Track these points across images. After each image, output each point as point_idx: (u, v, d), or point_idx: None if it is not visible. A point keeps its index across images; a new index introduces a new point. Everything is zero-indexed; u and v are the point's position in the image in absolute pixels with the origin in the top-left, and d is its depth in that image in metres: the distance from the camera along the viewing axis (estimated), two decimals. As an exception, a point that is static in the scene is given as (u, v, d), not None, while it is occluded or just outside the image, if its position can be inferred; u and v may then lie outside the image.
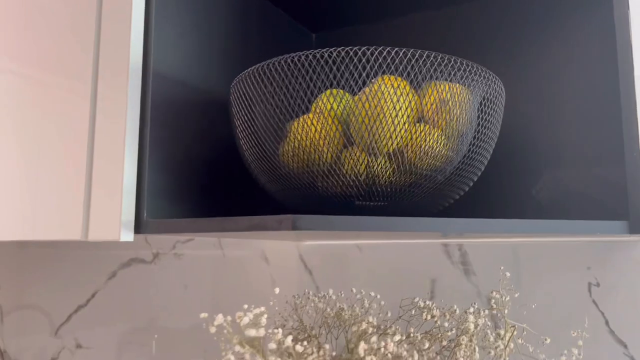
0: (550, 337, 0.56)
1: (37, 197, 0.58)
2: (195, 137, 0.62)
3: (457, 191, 0.62)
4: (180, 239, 0.96)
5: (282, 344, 0.47)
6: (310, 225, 0.47)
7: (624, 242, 0.67)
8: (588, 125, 0.66)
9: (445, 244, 0.76)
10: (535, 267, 0.70)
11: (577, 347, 0.51)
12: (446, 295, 0.74)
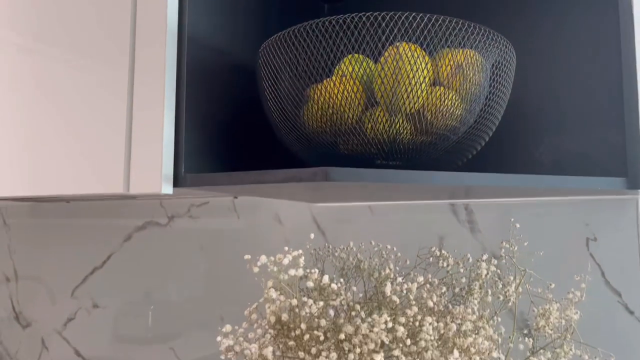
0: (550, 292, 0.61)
1: (79, 153, 0.61)
2: (225, 99, 0.66)
3: (469, 151, 0.67)
4: (195, 202, 1.00)
5: (319, 282, 0.51)
6: (342, 176, 0.51)
7: (620, 200, 0.72)
8: (590, 89, 0.70)
9: (452, 203, 0.81)
10: (537, 225, 0.75)
11: (580, 290, 0.56)
12: (454, 252, 0.79)
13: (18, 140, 0.65)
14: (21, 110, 0.66)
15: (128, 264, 1.05)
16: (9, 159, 0.66)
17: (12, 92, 0.66)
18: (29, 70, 0.66)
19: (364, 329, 0.51)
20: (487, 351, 0.51)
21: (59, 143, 0.62)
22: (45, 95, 0.64)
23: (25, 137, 0.65)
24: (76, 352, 1.08)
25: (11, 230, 1.19)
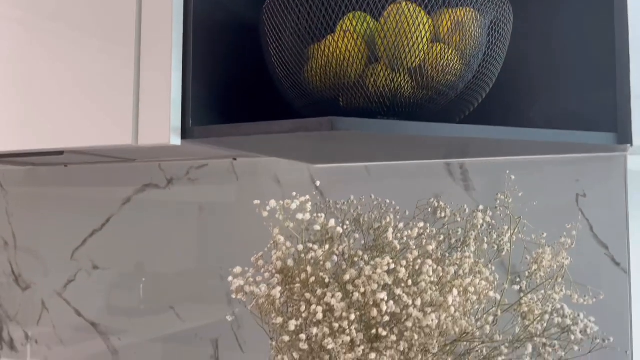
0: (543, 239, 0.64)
1: (88, 106, 0.62)
2: (230, 56, 0.67)
3: (466, 107, 0.69)
4: (194, 164, 1.01)
5: (325, 226, 0.54)
6: (347, 126, 0.53)
7: (609, 158, 0.75)
8: (582, 49, 0.72)
9: (447, 163, 0.84)
10: (529, 182, 0.78)
11: (571, 237, 0.59)
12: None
13: (27, 95, 0.66)
14: (30, 66, 0.66)
15: (127, 227, 1.07)
16: (17, 114, 0.67)
17: (20, 48, 0.67)
18: (34, 25, 0.66)
19: (367, 271, 0.53)
20: (485, 291, 0.54)
21: (67, 96, 0.64)
22: (52, 50, 0.65)
23: (34, 92, 0.66)
24: (77, 313, 1.10)
25: (9, 195, 1.20)
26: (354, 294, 0.52)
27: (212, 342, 0.98)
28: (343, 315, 0.52)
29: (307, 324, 0.53)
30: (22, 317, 1.16)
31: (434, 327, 0.51)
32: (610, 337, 0.56)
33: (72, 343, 1.10)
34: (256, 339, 0.94)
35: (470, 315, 0.53)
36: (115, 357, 1.06)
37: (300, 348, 0.53)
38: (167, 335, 1.01)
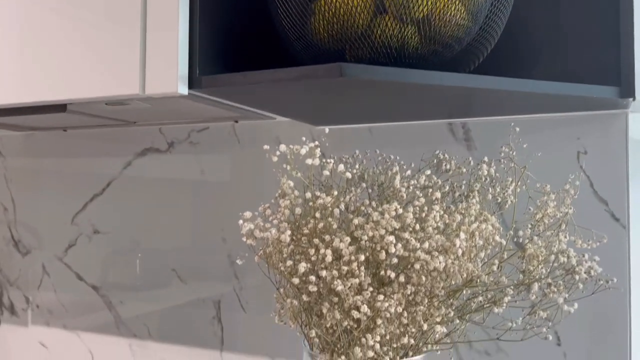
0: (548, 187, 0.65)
1: (95, 55, 0.62)
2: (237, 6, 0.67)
3: (472, 61, 0.69)
4: (195, 127, 1.01)
5: (334, 171, 0.54)
6: (356, 72, 0.54)
7: (610, 115, 0.76)
8: (586, 7, 0.73)
9: (450, 123, 0.84)
10: (531, 140, 0.78)
11: (574, 187, 0.60)
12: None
13: (32, 46, 0.66)
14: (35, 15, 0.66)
15: (128, 191, 1.07)
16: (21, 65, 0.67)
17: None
18: (36, -24, 0.66)
19: (375, 217, 0.54)
20: (491, 236, 0.55)
21: (72, 46, 0.63)
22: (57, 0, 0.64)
23: (39, 42, 0.65)
24: (78, 277, 1.11)
25: (7, 160, 1.19)
26: (363, 237, 0.52)
27: (214, 304, 0.98)
28: (352, 258, 0.52)
29: (316, 268, 0.54)
30: (22, 282, 1.16)
31: (441, 269, 0.52)
32: (613, 277, 0.57)
33: (73, 307, 1.11)
34: (258, 300, 0.95)
35: (476, 259, 0.54)
36: (117, 320, 1.06)
37: (309, 291, 0.54)
38: (169, 297, 1.02)
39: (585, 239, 0.58)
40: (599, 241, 0.57)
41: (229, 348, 0.97)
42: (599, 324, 0.74)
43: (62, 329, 1.12)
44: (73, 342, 1.10)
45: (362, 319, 0.53)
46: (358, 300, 0.52)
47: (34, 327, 1.14)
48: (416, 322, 0.56)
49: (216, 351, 0.98)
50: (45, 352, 1.13)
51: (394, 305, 0.53)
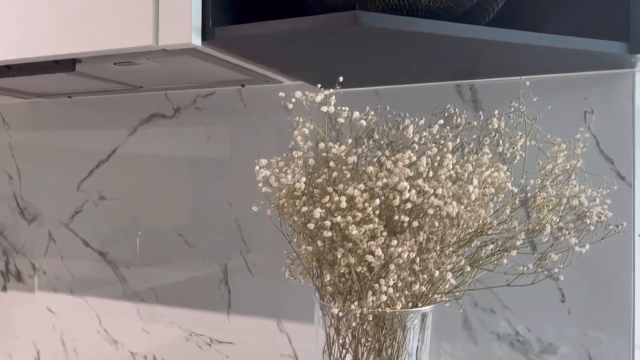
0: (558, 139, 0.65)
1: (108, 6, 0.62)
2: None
3: (481, 17, 0.69)
4: (201, 93, 1.01)
5: (350, 117, 0.55)
6: (372, 20, 0.54)
7: (617, 75, 0.76)
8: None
9: (457, 84, 0.84)
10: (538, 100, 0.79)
11: (582, 140, 0.61)
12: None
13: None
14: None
15: (134, 157, 1.07)
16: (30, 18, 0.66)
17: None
18: None
19: (389, 165, 0.54)
20: (503, 183, 0.56)
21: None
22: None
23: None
24: (84, 243, 1.11)
25: (11, 128, 1.19)
26: (377, 183, 0.53)
27: (221, 267, 0.99)
28: (365, 204, 0.53)
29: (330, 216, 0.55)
30: (28, 248, 1.17)
31: (453, 215, 0.53)
32: (623, 222, 0.58)
33: (80, 273, 1.12)
34: (265, 263, 0.96)
35: (488, 206, 0.55)
36: (124, 285, 1.07)
37: (324, 237, 0.54)
38: (176, 261, 1.03)
39: (594, 188, 0.59)
40: (609, 188, 0.58)
41: (236, 311, 0.98)
42: (603, 282, 0.75)
43: (69, 294, 1.13)
44: (80, 307, 1.11)
45: (376, 264, 0.54)
46: (372, 245, 0.53)
47: (41, 293, 1.15)
48: (428, 269, 0.57)
49: (223, 314, 0.99)
50: (52, 318, 1.14)
51: (406, 251, 0.53)
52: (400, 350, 0.67)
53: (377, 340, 0.66)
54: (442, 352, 0.84)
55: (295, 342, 0.94)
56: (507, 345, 0.80)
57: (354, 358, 0.68)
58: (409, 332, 0.66)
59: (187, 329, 1.02)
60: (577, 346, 0.77)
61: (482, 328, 0.82)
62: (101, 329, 1.09)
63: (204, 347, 1.00)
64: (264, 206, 0.96)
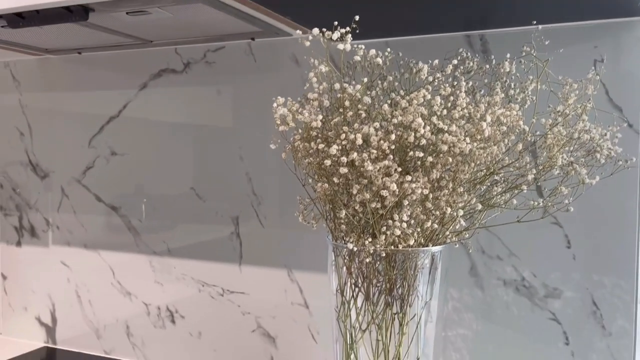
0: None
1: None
2: None
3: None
4: (211, 47, 1.02)
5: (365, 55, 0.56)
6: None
7: (627, 23, 0.76)
8: None
9: (467, 35, 0.85)
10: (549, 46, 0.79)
11: (594, 82, 0.62)
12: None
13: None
14: None
15: (145, 112, 1.08)
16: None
17: None
18: None
19: (404, 104, 0.56)
20: (515, 121, 0.57)
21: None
22: None
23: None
24: (97, 198, 1.13)
25: (21, 85, 1.20)
26: (392, 121, 0.54)
27: (232, 220, 1.01)
28: (381, 142, 0.54)
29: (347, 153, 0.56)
30: (41, 204, 1.19)
31: (466, 152, 0.54)
32: (632, 157, 0.59)
33: (93, 227, 1.14)
34: (275, 214, 0.98)
35: (500, 144, 0.56)
36: (137, 238, 1.10)
37: (340, 173, 0.56)
38: (188, 214, 1.05)
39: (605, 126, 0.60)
40: (619, 125, 0.59)
41: (247, 261, 1.00)
42: (607, 228, 0.77)
43: (82, 248, 1.15)
44: (94, 260, 1.14)
45: (390, 200, 0.55)
46: (387, 181, 0.54)
47: (55, 248, 1.18)
48: (440, 207, 0.58)
49: (235, 265, 1.01)
50: (67, 271, 1.17)
51: (420, 187, 0.55)
52: (411, 290, 0.69)
53: (388, 280, 0.68)
54: (449, 299, 0.86)
55: (306, 291, 0.96)
56: (512, 290, 0.83)
57: (365, 297, 0.70)
58: (419, 272, 0.68)
59: (199, 280, 1.04)
60: (581, 290, 0.79)
61: (488, 275, 0.84)
62: (115, 281, 1.12)
63: (217, 298, 1.03)
64: (274, 159, 0.98)
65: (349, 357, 0.73)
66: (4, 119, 1.22)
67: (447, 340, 0.86)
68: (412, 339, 0.70)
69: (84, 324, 1.15)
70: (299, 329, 0.97)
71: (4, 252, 1.23)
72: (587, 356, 0.79)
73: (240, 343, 1.01)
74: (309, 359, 0.96)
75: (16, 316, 1.22)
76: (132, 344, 1.11)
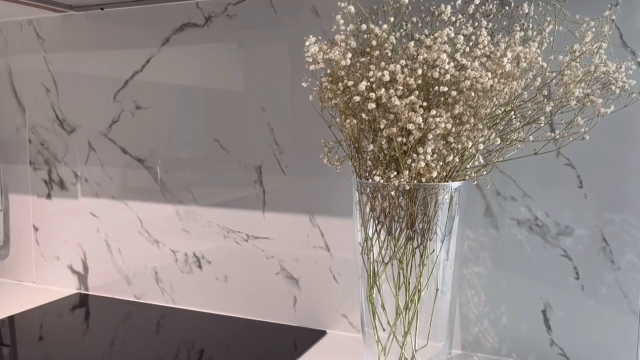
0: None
1: None
2: None
3: None
4: (232, 0, 1.04)
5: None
6: None
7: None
8: None
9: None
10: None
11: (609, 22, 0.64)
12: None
13: None
14: None
15: (168, 66, 1.11)
16: None
17: None
18: None
19: (428, 42, 0.59)
20: (534, 57, 0.60)
21: None
22: None
23: None
24: (123, 151, 1.18)
25: (45, 42, 1.23)
26: (418, 58, 0.58)
27: (255, 169, 1.06)
28: (407, 79, 0.58)
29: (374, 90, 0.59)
30: (69, 158, 1.23)
31: (487, 87, 0.58)
32: None
33: (120, 179, 1.19)
34: (296, 163, 1.02)
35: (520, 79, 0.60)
36: (162, 188, 1.14)
37: (368, 109, 0.60)
38: (212, 165, 1.09)
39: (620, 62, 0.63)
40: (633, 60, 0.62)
41: (270, 208, 1.05)
42: (619, 166, 0.81)
43: (110, 199, 1.20)
44: (122, 210, 1.19)
45: (416, 133, 0.59)
46: (412, 115, 0.58)
47: (84, 199, 1.23)
48: (461, 142, 0.62)
49: (259, 212, 1.06)
50: (96, 221, 1.22)
51: (443, 121, 0.59)
52: (431, 224, 0.73)
53: (409, 215, 0.72)
54: (465, 239, 0.91)
55: (327, 234, 1.01)
56: (526, 229, 0.87)
57: (387, 233, 0.75)
58: (439, 207, 0.72)
59: (224, 227, 1.09)
60: (592, 227, 0.83)
61: (503, 215, 0.88)
62: (143, 230, 1.17)
63: (241, 243, 1.08)
64: (295, 110, 1.01)
65: (372, 290, 0.78)
66: (30, 76, 1.26)
67: (463, 278, 0.91)
68: (432, 271, 0.75)
69: (114, 272, 1.21)
70: (320, 270, 1.02)
71: (35, 205, 1.29)
72: (596, 289, 0.83)
73: (264, 285, 1.06)
74: (330, 298, 1.01)
75: (49, 266, 1.29)
76: (161, 289, 1.17)
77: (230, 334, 1.03)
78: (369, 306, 0.77)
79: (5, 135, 1.30)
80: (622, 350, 0.82)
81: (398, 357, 0.76)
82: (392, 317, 0.76)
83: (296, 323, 1.04)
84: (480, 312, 0.91)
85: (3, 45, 1.28)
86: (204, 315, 1.11)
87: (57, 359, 0.92)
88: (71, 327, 1.07)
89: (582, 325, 0.84)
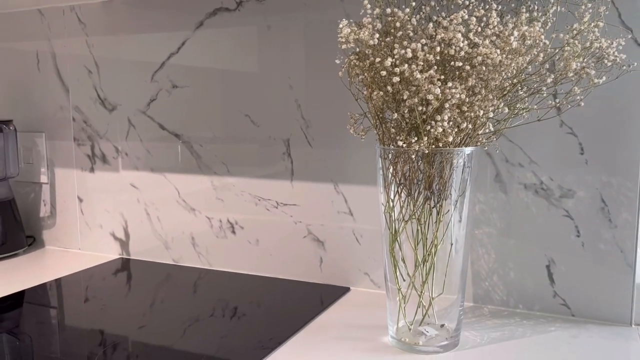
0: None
1: None
2: None
3: None
4: (261, -14, 1.13)
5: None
6: None
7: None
8: None
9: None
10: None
11: (605, 2, 0.72)
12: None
13: None
14: None
15: (202, 48, 1.21)
16: None
17: None
18: None
19: (445, 23, 0.68)
20: (538, 36, 0.69)
21: None
22: None
23: None
24: (161, 127, 1.28)
25: (87, 27, 1.33)
26: (436, 37, 0.67)
27: (284, 142, 1.15)
28: (426, 55, 0.67)
29: (398, 64, 0.69)
30: (111, 134, 1.34)
31: (497, 62, 0.67)
32: (634, 62, 0.70)
33: (158, 152, 1.29)
34: (321, 136, 1.12)
35: (525, 56, 0.68)
36: (198, 161, 1.25)
37: (392, 82, 0.69)
38: (244, 138, 1.19)
39: (613, 38, 0.71)
40: (624, 37, 0.71)
41: (298, 178, 1.15)
42: (616, 136, 0.89)
43: (149, 172, 1.31)
44: (160, 181, 1.30)
45: (434, 103, 0.68)
46: (432, 87, 0.67)
47: (125, 172, 1.34)
48: (474, 110, 0.71)
49: (287, 181, 1.16)
50: (136, 192, 1.33)
51: (459, 92, 0.68)
52: (447, 185, 0.83)
53: (427, 177, 0.82)
54: (476, 202, 1.00)
55: (350, 201, 1.11)
56: (532, 193, 0.96)
57: (407, 193, 0.84)
58: (454, 170, 0.82)
59: (256, 195, 1.20)
60: (592, 190, 0.92)
61: (511, 180, 0.97)
62: (180, 199, 1.28)
63: (271, 209, 1.18)
64: (320, 87, 1.10)
65: (393, 244, 0.88)
66: (72, 58, 1.36)
67: (475, 237, 1.01)
68: (447, 229, 0.84)
69: (154, 238, 1.32)
70: (344, 233, 1.12)
71: (79, 178, 1.40)
72: (595, 245, 0.93)
73: (293, 248, 1.17)
74: (353, 258, 1.12)
75: (93, 234, 1.40)
76: (198, 253, 1.28)
77: (262, 292, 1.13)
78: (391, 259, 0.87)
79: (50, 114, 1.41)
80: (618, 300, 0.92)
81: (416, 305, 0.86)
82: (412, 270, 0.86)
83: (322, 281, 1.15)
84: (490, 268, 1.01)
85: (47, 29, 1.38)
86: (237, 276, 1.22)
87: (102, 318, 1.00)
88: (114, 289, 1.17)
89: (582, 278, 0.94)
